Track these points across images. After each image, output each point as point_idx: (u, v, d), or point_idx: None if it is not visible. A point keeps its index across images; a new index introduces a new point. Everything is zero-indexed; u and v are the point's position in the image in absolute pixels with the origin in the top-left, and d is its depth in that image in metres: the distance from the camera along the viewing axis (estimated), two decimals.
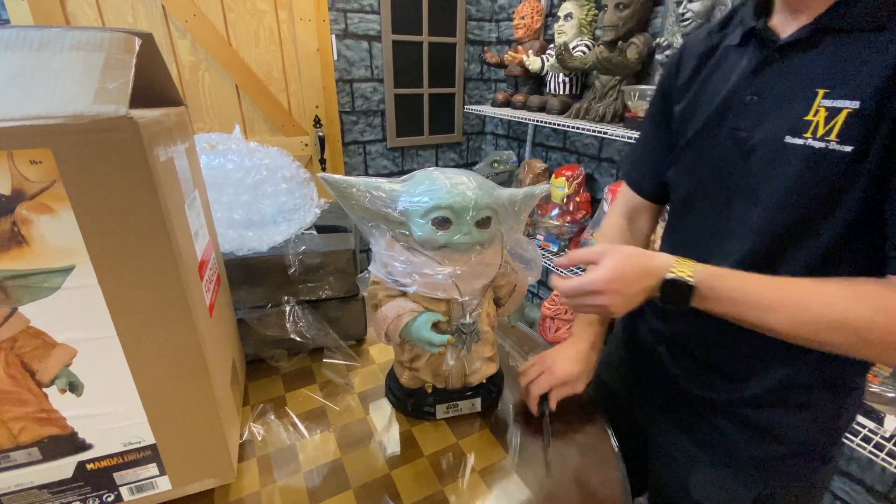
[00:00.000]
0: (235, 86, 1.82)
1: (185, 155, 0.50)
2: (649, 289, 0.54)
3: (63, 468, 0.45)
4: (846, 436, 0.68)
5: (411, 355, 0.63)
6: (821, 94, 0.47)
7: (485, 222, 0.54)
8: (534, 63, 1.77)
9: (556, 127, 1.85)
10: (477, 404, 0.67)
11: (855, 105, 0.44)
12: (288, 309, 0.74)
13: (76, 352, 0.41)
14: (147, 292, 0.41)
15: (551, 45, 1.77)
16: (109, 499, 0.48)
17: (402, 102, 2.18)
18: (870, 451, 0.97)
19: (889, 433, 0.97)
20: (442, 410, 0.66)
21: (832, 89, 0.46)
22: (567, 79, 1.72)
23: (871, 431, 0.97)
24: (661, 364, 0.69)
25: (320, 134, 1.99)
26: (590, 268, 0.57)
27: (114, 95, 0.35)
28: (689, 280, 0.51)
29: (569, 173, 1.73)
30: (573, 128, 1.51)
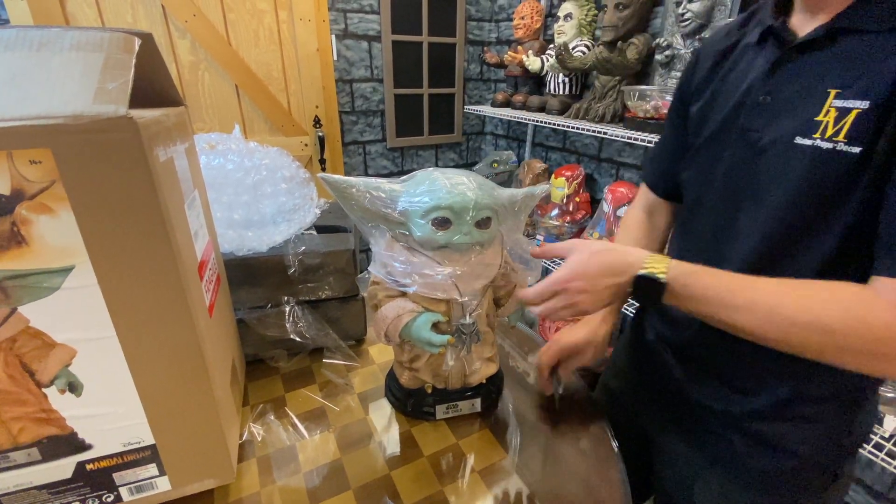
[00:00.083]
0: (235, 86, 1.82)
1: (184, 155, 0.50)
2: (619, 285, 0.52)
3: (62, 468, 0.45)
4: None
5: (411, 356, 0.63)
6: (833, 94, 0.46)
7: (485, 222, 0.54)
8: (533, 63, 1.77)
9: (555, 127, 1.85)
10: (477, 405, 0.67)
11: (865, 105, 0.44)
12: (288, 309, 0.74)
13: (76, 352, 0.41)
14: (147, 292, 0.41)
15: (551, 46, 1.77)
16: (109, 499, 0.48)
17: (402, 102, 2.18)
18: (869, 451, 0.97)
19: (889, 433, 0.97)
20: (442, 411, 0.66)
21: (844, 90, 0.45)
22: (567, 79, 1.72)
23: (870, 432, 0.97)
24: (668, 371, 0.68)
25: (320, 134, 1.99)
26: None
27: (113, 95, 0.35)
28: (660, 277, 0.50)
29: (568, 173, 1.73)
30: (573, 128, 1.51)
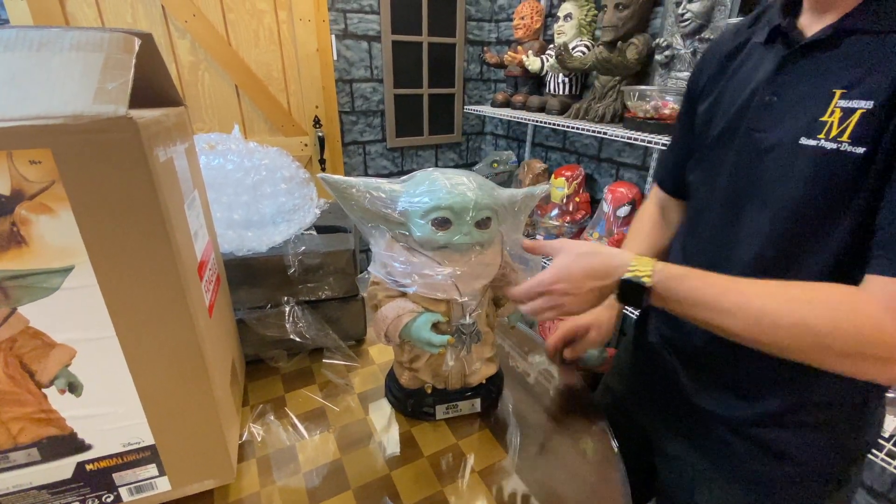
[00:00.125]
0: (235, 86, 1.81)
1: (184, 155, 0.50)
2: (603, 288, 0.52)
3: (62, 469, 0.45)
4: None
5: (411, 356, 0.63)
6: (838, 94, 0.46)
7: (484, 223, 0.54)
8: (533, 63, 1.77)
9: (555, 127, 1.85)
10: (477, 405, 0.67)
11: (869, 105, 0.43)
12: (287, 309, 0.74)
13: (75, 352, 0.41)
14: (146, 293, 0.41)
15: (551, 46, 1.77)
16: (109, 499, 0.48)
17: (402, 103, 2.18)
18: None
19: (889, 433, 0.97)
20: (441, 411, 0.66)
21: (849, 90, 0.45)
22: (566, 79, 1.72)
23: (878, 438, 0.97)
24: (671, 374, 0.68)
25: (320, 134, 1.99)
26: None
27: (113, 95, 0.35)
28: (644, 282, 0.50)
29: (568, 173, 1.73)
30: (573, 128, 1.52)
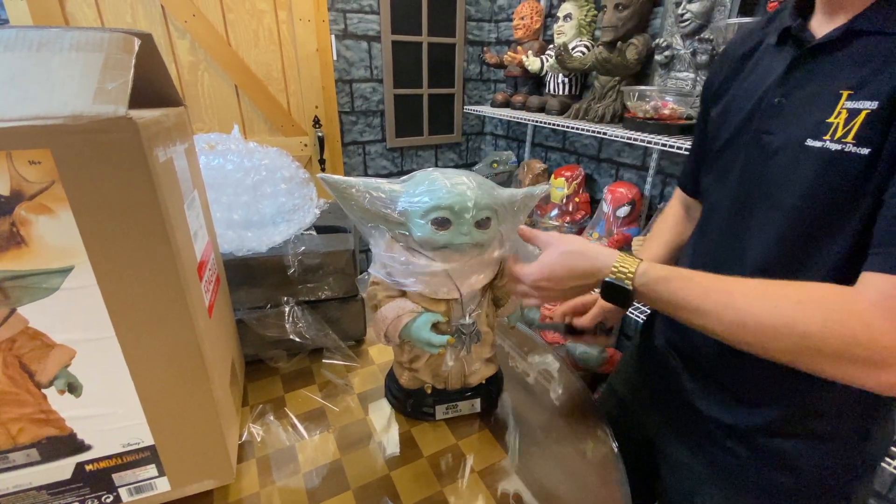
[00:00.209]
0: (235, 86, 1.81)
1: (184, 155, 0.50)
2: (587, 286, 0.54)
3: (62, 469, 0.45)
4: None
5: (411, 356, 0.63)
6: (845, 95, 0.46)
7: (484, 223, 0.54)
8: (533, 63, 1.77)
9: (555, 127, 1.85)
10: (476, 405, 0.67)
11: (874, 106, 0.43)
12: (287, 309, 0.74)
13: (75, 352, 0.41)
14: (146, 293, 0.41)
15: (551, 46, 1.77)
16: (108, 500, 0.48)
17: (402, 103, 2.18)
18: None
19: None
20: (441, 411, 0.66)
21: (856, 91, 0.45)
22: (566, 79, 1.72)
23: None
24: (675, 379, 0.67)
25: (319, 134, 1.99)
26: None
27: (113, 96, 0.35)
28: (626, 285, 0.50)
29: (568, 174, 1.73)
30: (572, 128, 1.52)
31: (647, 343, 0.76)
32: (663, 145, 1.21)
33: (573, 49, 1.59)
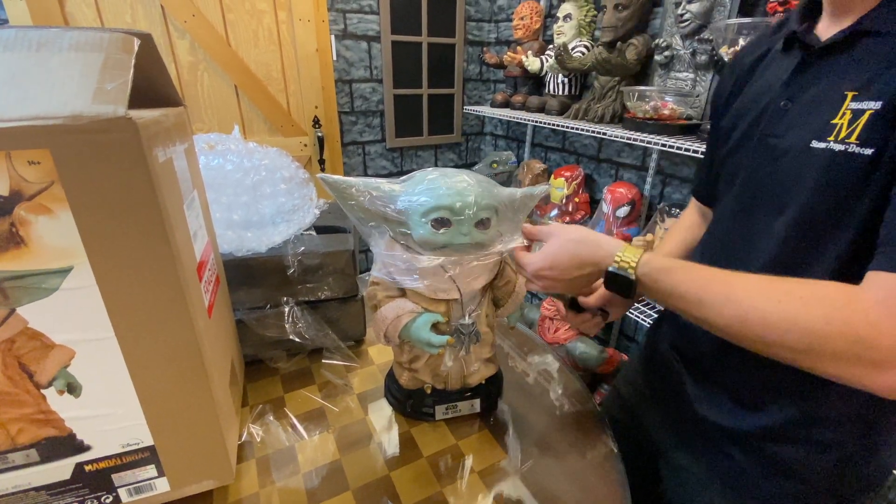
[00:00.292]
0: (234, 86, 1.81)
1: (183, 155, 0.50)
2: (591, 275, 0.54)
3: (61, 469, 0.45)
4: None
5: (410, 356, 0.63)
6: (850, 96, 0.46)
7: (484, 223, 0.54)
8: (533, 64, 1.77)
9: (555, 127, 1.85)
10: (476, 405, 0.67)
11: (877, 106, 0.43)
12: (287, 310, 0.73)
13: (74, 353, 0.41)
14: (146, 293, 0.41)
15: (550, 46, 1.77)
16: (108, 500, 0.48)
17: (402, 103, 2.18)
18: None
19: None
20: (441, 411, 0.66)
21: (861, 91, 0.45)
22: (566, 79, 1.72)
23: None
24: (678, 383, 0.67)
25: (319, 134, 1.99)
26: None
27: (112, 96, 0.35)
28: (629, 274, 0.51)
29: (568, 174, 1.73)
30: (572, 128, 1.52)
31: (653, 346, 0.76)
32: (663, 145, 1.21)
33: (573, 49, 1.59)
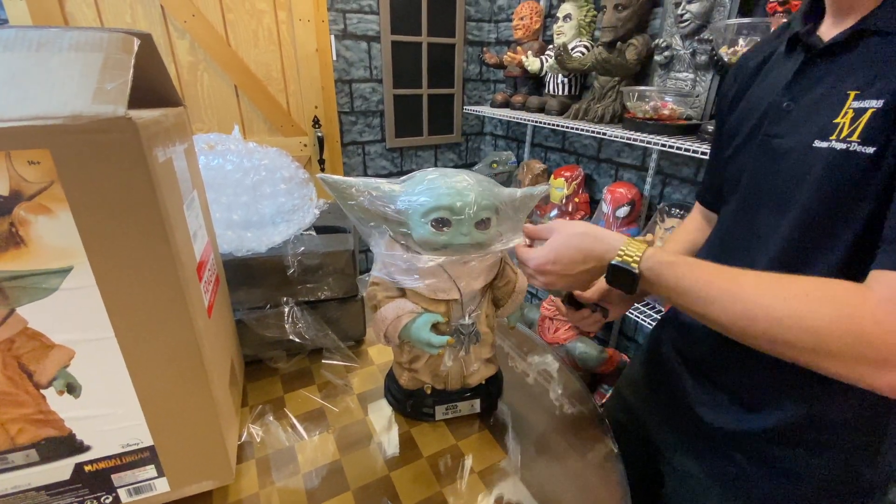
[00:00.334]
0: (234, 86, 1.81)
1: (183, 155, 0.50)
2: (594, 270, 0.54)
3: (61, 470, 0.45)
4: None
5: (410, 356, 0.63)
6: (852, 95, 0.46)
7: (484, 223, 0.54)
8: (533, 64, 1.77)
9: (554, 128, 1.85)
10: (476, 405, 0.67)
11: (879, 104, 0.43)
12: (287, 310, 0.73)
13: (74, 353, 0.41)
14: (145, 293, 0.41)
15: (550, 46, 1.77)
16: (107, 500, 0.48)
17: (401, 103, 2.18)
18: None
19: None
20: (441, 412, 0.66)
21: (863, 90, 0.45)
22: (566, 80, 1.72)
23: None
24: (680, 385, 0.67)
25: (319, 134, 1.99)
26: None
27: (112, 96, 0.35)
28: (632, 268, 0.50)
29: (568, 174, 1.73)
30: (572, 128, 1.52)
31: (654, 348, 0.76)
32: (663, 145, 1.21)
33: (573, 49, 1.59)
